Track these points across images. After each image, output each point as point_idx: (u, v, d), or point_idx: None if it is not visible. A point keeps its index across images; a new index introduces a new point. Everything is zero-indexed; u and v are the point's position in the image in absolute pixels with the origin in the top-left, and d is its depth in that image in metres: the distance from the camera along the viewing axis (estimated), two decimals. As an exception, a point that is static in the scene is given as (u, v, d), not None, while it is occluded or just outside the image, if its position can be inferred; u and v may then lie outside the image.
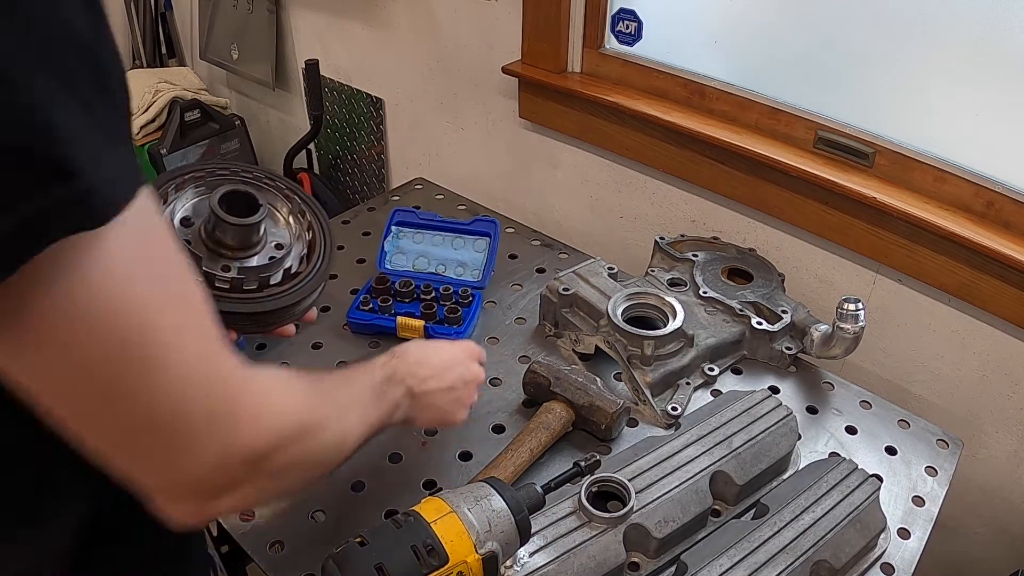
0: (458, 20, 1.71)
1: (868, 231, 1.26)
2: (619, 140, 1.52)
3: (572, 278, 1.21)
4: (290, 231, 0.84)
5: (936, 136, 1.20)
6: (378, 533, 0.70)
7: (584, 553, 0.81)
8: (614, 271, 1.25)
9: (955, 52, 1.13)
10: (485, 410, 1.06)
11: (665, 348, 1.09)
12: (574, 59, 1.57)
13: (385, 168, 2.18)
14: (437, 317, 1.20)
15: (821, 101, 1.30)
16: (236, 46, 2.36)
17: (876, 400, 1.12)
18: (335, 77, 2.14)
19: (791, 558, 0.81)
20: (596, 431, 1.02)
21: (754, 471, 0.93)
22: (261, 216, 0.78)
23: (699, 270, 1.26)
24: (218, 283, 0.76)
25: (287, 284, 0.80)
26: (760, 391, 1.03)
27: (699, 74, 1.42)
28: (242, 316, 0.77)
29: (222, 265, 0.76)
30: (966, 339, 1.27)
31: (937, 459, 1.03)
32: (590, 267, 1.24)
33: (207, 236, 0.78)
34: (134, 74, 2.28)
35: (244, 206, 0.78)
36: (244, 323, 0.78)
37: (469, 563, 0.69)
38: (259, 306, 0.77)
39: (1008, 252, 1.11)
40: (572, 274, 1.22)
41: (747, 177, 1.37)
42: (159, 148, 2.11)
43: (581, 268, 1.23)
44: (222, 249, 0.77)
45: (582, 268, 1.23)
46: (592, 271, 1.23)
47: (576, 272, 1.22)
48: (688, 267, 1.28)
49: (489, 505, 0.72)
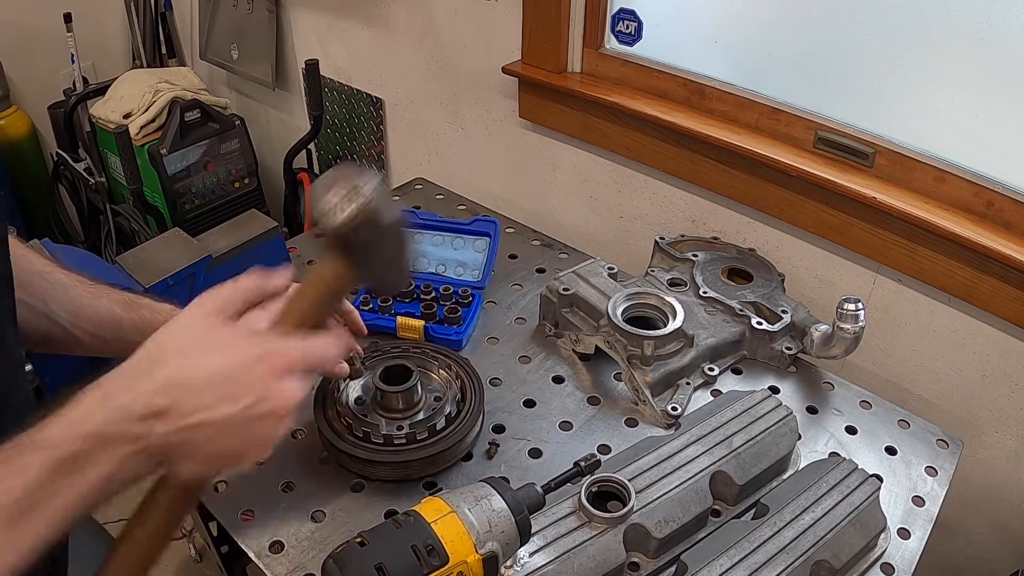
0: (458, 20, 1.71)
1: (868, 231, 1.26)
2: (619, 140, 1.52)
3: (572, 278, 1.21)
4: (443, 382, 1.02)
5: (936, 136, 1.20)
6: (378, 533, 0.70)
7: (584, 553, 0.81)
8: (614, 271, 1.25)
9: (955, 52, 1.13)
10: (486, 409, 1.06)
11: (665, 348, 1.09)
12: (574, 59, 1.57)
13: (385, 168, 2.18)
14: (437, 317, 1.20)
15: (821, 101, 1.30)
16: (236, 46, 2.36)
17: (876, 400, 1.12)
18: (335, 77, 2.14)
19: (791, 558, 0.81)
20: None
21: (754, 471, 0.93)
22: (415, 380, 0.96)
23: (699, 270, 1.26)
24: (396, 441, 0.93)
25: (451, 426, 0.96)
26: (760, 391, 1.03)
27: (699, 74, 1.42)
28: (422, 460, 0.94)
29: (396, 425, 0.94)
30: (966, 339, 1.27)
31: (937, 459, 1.03)
32: (590, 267, 1.24)
33: (378, 406, 0.97)
34: (134, 74, 2.27)
35: (400, 375, 0.97)
36: (425, 465, 0.95)
37: (469, 563, 0.69)
38: (433, 449, 0.94)
39: (1008, 252, 1.11)
40: (572, 274, 1.22)
41: (747, 177, 1.37)
42: (159, 148, 2.11)
43: (581, 268, 1.23)
44: (393, 413, 0.96)
45: (582, 268, 1.23)
46: (592, 271, 1.23)
47: (576, 272, 1.22)
48: (688, 267, 1.28)
49: (489, 505, 0.73)
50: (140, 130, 2.14)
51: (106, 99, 2.23)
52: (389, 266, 0.68)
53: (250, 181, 2.36)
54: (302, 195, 2.30)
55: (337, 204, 0.61)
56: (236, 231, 1.17)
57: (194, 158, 2.19)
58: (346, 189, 0.62)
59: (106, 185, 2.32)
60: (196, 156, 2.19)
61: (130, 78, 2.24)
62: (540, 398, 1.10)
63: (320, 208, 0.62)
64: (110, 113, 2.18)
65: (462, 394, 1.01)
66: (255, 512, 0.92)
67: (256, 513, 0.92)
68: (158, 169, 2.12)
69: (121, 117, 2.16)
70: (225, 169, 2.28)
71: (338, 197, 0.62)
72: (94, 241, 2.42)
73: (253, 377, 0.56)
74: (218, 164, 2.25)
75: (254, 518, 0.92)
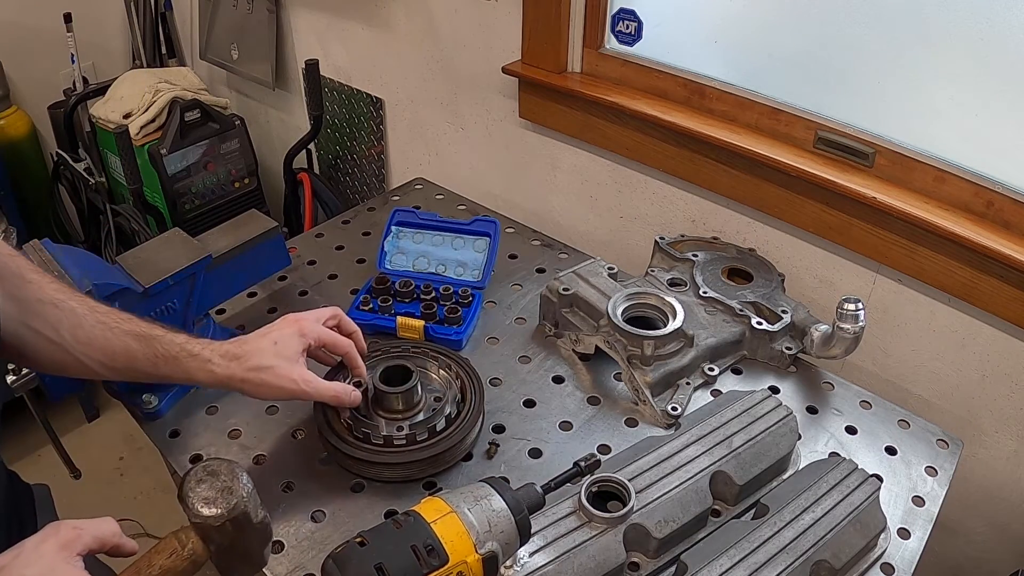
0: (458, 20, 1.71)
1: (868, 231, 1.26)
2: (619, 140, 1.52)
3: (572, 278, 1.21)
4: (443, 383, 1.02)
5: (936, 136, 1.20)
6: (378, 533, 0.70)
7: (584, 553, 0.81)
8: (614, 271, 1.25)
9: (955, 52, 1.13)
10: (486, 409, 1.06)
11: (665, 348, 1.09)
12: (574, 59, 1.57)
13: (385, 168, 2.18)
14: (437, 317, 1.20)
15: (821, 101, 1.30)
16: (236, 46, 2.36)
17: (876, 400, 1.12)
18: (335, 77, 2.14)
19: (791, 558, 0.81)
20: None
21: (754, 471, 0.93)
22: (415, 381, 0.96)
23: (699, 270, 1.26)
24: (397, 441, 0.94)
25: (451, 427, 0.97)
26: (760, 391, 1.03)
27: (699, 74, 1.42)
28: (422, 461, 0.94)
29: (396, 426, 0.94)
30: (966, 339, 1.27)
31: (937, 459, 1.03)
32: (590, 267, 1.24)
33: (378, 407, 0.97)
34: (134, 74, 2.27)
35: (400, 376, 0.97)
36: (425, 466, 0.95)
37: (469, 563, 0.69)
38: (433, 450, 0.94)
39: (1008, 252, 1.11)
40: (572, 274, 1.22)
41: (747, 177, 1.37)
42: (159, 148, 2.11)
43: (581, 268, 1.23)
44: (393, 414, 0.96)
45: (582, 268, 1.23)
46: (592, 271, 1.23)
47: (576, 272, 1.22)
48: (688, 267, 1.28)
49: (489, 505, 0.73)
50: (140, 130, 2.14)
51: (106, 99, 2.23)
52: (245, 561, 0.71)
53: (250, 181, 2.36)
54: (302, 195, 2.30)
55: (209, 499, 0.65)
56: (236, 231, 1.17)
57: (194, 158, 2.19)
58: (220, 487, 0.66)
59: (106, 185, 2.32)
60: (196, 156, 2.19)
61: (130, 78, 2.24)
62: (540, 398, 1.10)
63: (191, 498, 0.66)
64: (110, 113, 2.18)
65: (462, 394, 1.01)
66: (255, 512, 0.92)
67: (256, 513, 0.92)
68: (158, 169, 2.12)
69: (121, 117, 2.16)
70: (225, 169, 2.28)
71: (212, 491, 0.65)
72: (94, 241, 2.42)
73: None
74: (218, 164, 2.25)
75: (254, 518, 0.92)
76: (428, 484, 0.97)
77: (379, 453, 0.94)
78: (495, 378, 1.13)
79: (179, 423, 1.06)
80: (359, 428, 0.95)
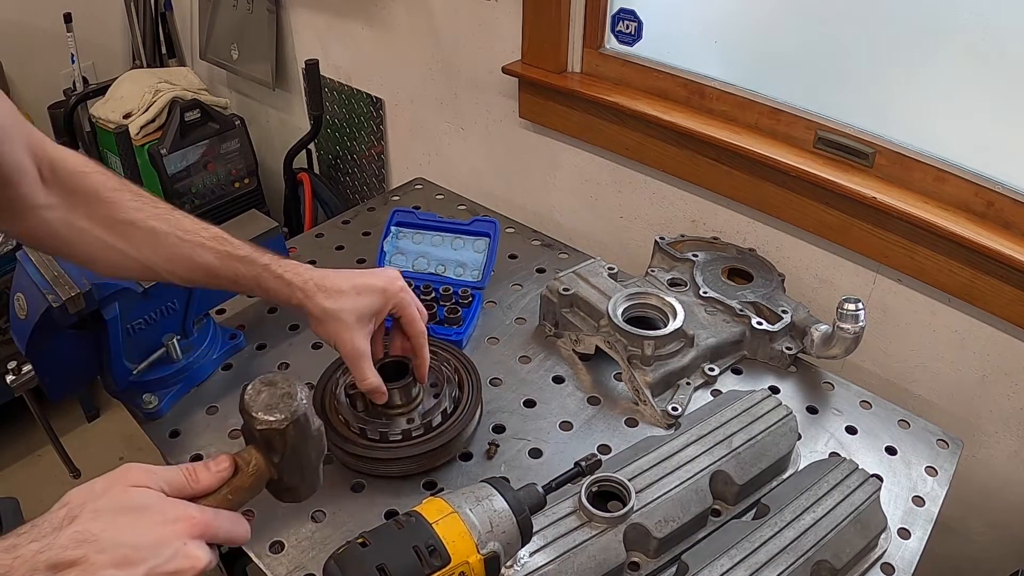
0: (458, 20, 1.71)
1: (868, 231, 1.26)
2: (619, 140, 1.52)
3: (572, 278, 1.21)
4: (440, 378, 1.00)
5: (936, 136, 1.20)
6: (380, 534, 0.70)
7: (584, 553, 0.81)
8: (614, 271, 1.25)
9: (955, 52, 1.13)
10: (486, 409, 1.06)
11: (665, 348, 1.09)
12: (574, 59, 1.57)
13: (385, 168, 2.18)
14: (437, 318, 1.20)
15: (821, 101, 1.30)
16: (236, 46, 2.36)
17: (876, 400, 1.12)
18: (335, 77, 2.14)
19: (792, 558, 0.81)
20: None
21: (754, 471, 0.93)
22: (412, 376, 0.95)
23: (699, 270, 1.26)
24: (392, 438, 0.94)
25: (447, 422, 0.97)
26: (760, 391, 1.03)
27: (699, 74, 1.42)
28: (419, 456, 0.94)
29: (394, 422, 0.94)
30: (966, 339, 1.27)
31: (937, 459, 1.03)
32: (590, 267, 1.24)
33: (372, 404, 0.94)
34: (134, 74, 2.27)
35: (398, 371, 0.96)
36: (422, 461, 0.95)
37: (471, 563, 0.69)
38: (429, 445, 0.94)
39: (1008, 252, 1.11)
40: (572, 274, 1.22)
41: (747, 177, 1.37)
42: (159, 148, 2.11)
43: (581, 268, 1.23)
44: (391, 409, 0.95)
45: (582, 268, 1.23)
46: (592, 271, 1.23)
47: (576, 272, 1.22)
48: (688, 267, 1.28)
49: (491, 505, 0.72)
50: (140, 130, 2.14)
51: (106, 99, 2.23)
52: (303, 475, 0.72)
53: (250, 181, 2.36)
54: (302, 195, 2.30)
55: (271, 405, 0.67)
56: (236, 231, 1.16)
57: (194, 158, 2.19)
58: (280, 394, 0.68)
59: (106, 185, 2.32)
60: (196, 156, 2.19)
61: (130, 78, 2.24)
62: (540, 398, 1.10)
63: (254, 407, 0.67)
64: (110, 113, 2.18)
65: (459, 389, 1.01)
66: (255, 512, 0.92)
67: (256, 513, 0.92)
68: (158, 169, 2.12)
69: (121, 117, 2.16)
70: (225, 169, 2.28)
71: (274, 399, 0.67)
72: (94, 241, 2.42)
73: (164, 537, 0.58)
74: (218, 164, 2.25)
75: (254, 518, 0.91)
76: (429, 484, 0.97)
77: (376, 449, 0.94)
78: (495, 378, 1.13)
79: (179, 423, 1.06)
80: (356, 424, 0.94)
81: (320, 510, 0.93)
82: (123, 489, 0.60)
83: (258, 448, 0.68)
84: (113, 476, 0.61)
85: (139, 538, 0.57)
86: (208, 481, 0.65)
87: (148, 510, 0.59)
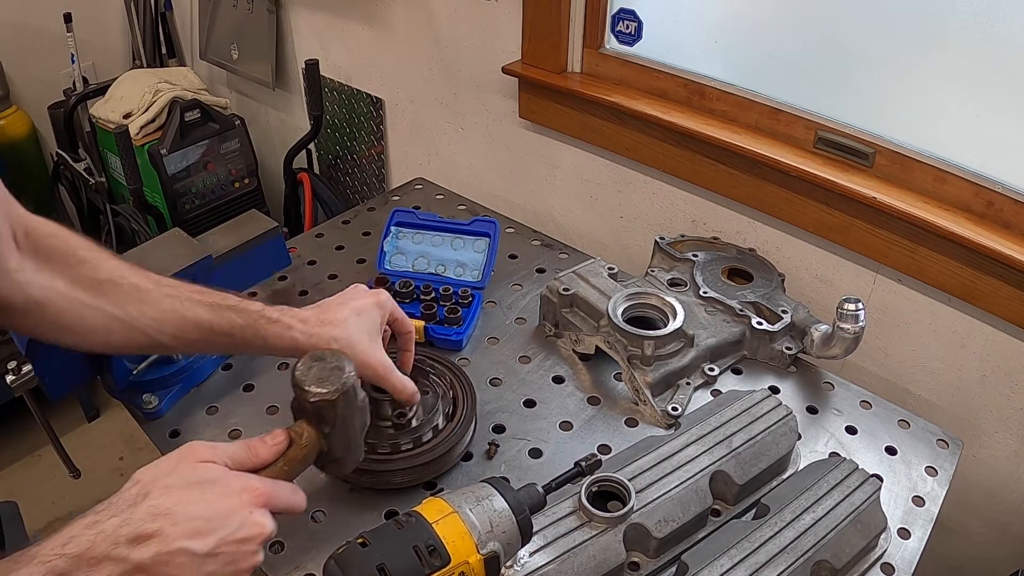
0: (458, 20, 1.71)
1: (868, 231, 1.26)
2: (619, 140, 1.52)
3: (572, 278, 1.21)
4: (435, 393, 0.98)
5: (936, 136, 1.20)
6: (380, 534, 0.70)
7: (584, 553, 0.81)
8: (614, 271, 1.25)
9: (955, 52, 1.13)
10: (486, 409, 1.06)
11: (665, 348, 1.09)
12: (574, 59, 1.57)
13: (385, 168, 2.18)
14: (437, 317, 1.20)
15: (821, 101, 1.30)
16: (236, 46, 2.36)
17: (876, 400, 1.12)
18: (335, 77, 2.14)
19: (792, 558, 0.81)
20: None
21: (754, 471, 0.93)
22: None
23: (699, 270, 1.26)
24: (380, 451, 0.92)
25: (437, 438, 0.95)
26: (760, 391, 1.03)
27: (699, 74, 1.42)
28: (408, 470, 0.93)
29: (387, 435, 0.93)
30: (966, 339, 1.27)
31: (937, 459, 1.03)
32: (590, 267, 1.24)
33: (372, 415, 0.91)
34: (134, 74, 2.27)
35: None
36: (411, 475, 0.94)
37: (471, 563, 0.70)
38: (418, 459, 0.93)
39: (1008, 252, 1.11)
40: (572, 274, 1.22)
41: (747, 177, 1.37)
42: (159, 148, 2.11)
43: (581, 268, 1.23)
44: (384, 421, 0.93)
45: (582, 268, 1.23)
46: (592, 271, 1.23)
47: (576, 272, 1.22)
48: (688, 267, 1.28)
49: (491, 505, 0.73)
50: (140, 130, 2.14)
51: (106, 99, 2.23)
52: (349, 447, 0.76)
53: (250, 181, 2.36)
54: (302, 195, 2.30)
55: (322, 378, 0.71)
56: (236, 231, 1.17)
57: (194, 158, 2.19)
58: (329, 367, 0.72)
59: (106, 185, 2.32)
60: (196, 156, 2.19)
61: (130, 78, 2.24)
62: (540, 398, 1.10)
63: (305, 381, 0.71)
64: (110, 113, 2.18)
65: (454, 405, 1.00)
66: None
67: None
68: (158, 169, 2.12)
69: (121, 117, 2.16)
70: (225, 169, 2.28)
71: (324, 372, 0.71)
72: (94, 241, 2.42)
73: (231, 508, 0.62)
74: (218, 164, 2.25)
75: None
76: (429, 484, 0.97)
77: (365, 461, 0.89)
78: (495, 378, 1.13)
79: (179, 423, 1.06)
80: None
81: (320, 510, 0.93)
82: (190, 465, 0.63)
83: (309, 421, 0.72)
84: (180, 452, 0.65)
85: (209, 510, 0.61)
86: (266, 454, 0.69)
87: (215, 483, 0.63)
